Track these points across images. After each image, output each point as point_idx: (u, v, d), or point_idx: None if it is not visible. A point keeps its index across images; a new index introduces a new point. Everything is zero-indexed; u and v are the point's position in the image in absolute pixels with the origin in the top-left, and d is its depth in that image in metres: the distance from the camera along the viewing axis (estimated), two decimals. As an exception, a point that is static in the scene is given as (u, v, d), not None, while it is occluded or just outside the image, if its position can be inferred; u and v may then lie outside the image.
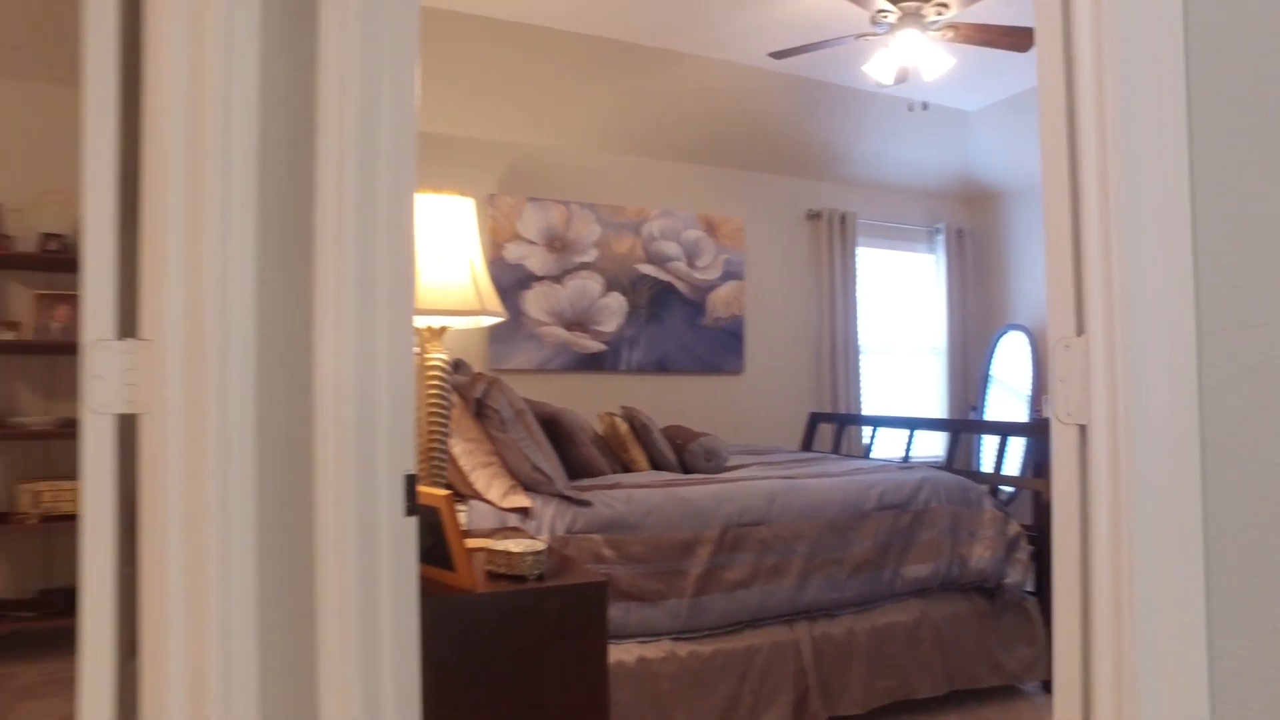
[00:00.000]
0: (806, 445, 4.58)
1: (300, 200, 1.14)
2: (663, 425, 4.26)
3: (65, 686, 2.93)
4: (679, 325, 4.84)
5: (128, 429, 1.06)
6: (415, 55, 1.20)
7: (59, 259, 3.47)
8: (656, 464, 3.25)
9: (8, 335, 3.42)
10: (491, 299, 2.00)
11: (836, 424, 4.45)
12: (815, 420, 4.60)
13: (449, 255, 1.95)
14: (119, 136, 1.08)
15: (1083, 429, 0.92)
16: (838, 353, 5.12)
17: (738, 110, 4.63)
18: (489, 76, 4.15)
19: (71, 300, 3.57)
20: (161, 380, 1.01)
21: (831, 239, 5.18)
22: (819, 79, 4.55)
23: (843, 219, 5.23)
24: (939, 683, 2.75)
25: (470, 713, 1.47)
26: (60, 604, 3.36)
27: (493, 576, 1.64)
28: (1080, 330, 0.93)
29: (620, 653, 2.30)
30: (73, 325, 3.54)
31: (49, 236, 3.49)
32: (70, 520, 3.37)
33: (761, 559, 2.52)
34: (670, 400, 4.82)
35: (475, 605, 1.50)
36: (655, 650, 2.35)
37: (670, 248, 4.84)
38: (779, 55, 3.56)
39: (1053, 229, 0.98)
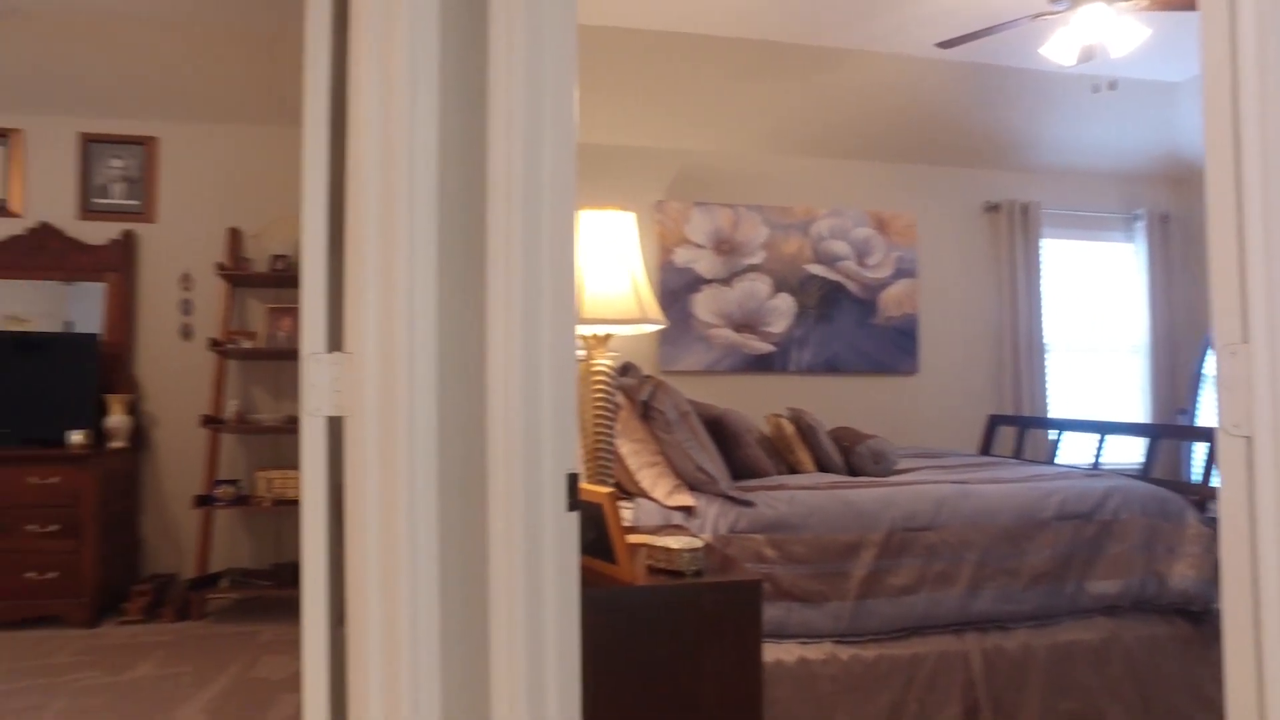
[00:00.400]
0: (985, 449, 4.36)
1: (474, 225, 1.28)
2: (832, 427, 4.21)
3: (297, 646, 3.36)
4: (849, 325, 4.76)
5: (336, 429, 1.24)
6: (573, 84, 1.31)
7: (285, 276, 3.97)
8: (823, 466, 3.24)
9: (246, 344, 3.96)
10: (652, 307, 2.10)
11: (1018, 427, 4.21)
12: (995, 423, 4.37)
13: (611, 267, 2.07)
14: (329, 174, 1.27)
15: (1249, 441, 0.86)
16: (1020, 351, 4.82)
17: (907, 103, 4.49)
18: (654, 88, 4.28)
19: (295, 313, 4.07)
20: (360, 387, 1.18)
21: (1012, 231, 4.89)
22: (993, 64, 4.32)
23: (1024, 209, 4.92)
24: (1133, 711, 2.55)
25: (627, 698, 1.57)
26: (290, 576, 3.84)
27: (653, 571, 1.74)
28: (1245, 337, 0.87)
29: (780, 652, 2.33)
30: (296, 335, 4.04)
31: (277, 257, 4.01)
32: (295, 505, 3.85)
33: (928, 565, 2.46)
34: (840, 402, 4.75)
35: (634, 597, 1.60)
36: (816, 651, 2.36)
37: (839, 247, 4.77)
38: (947, 44, 3.43)
39: (1217, 222, 0.92)
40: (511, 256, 1.23)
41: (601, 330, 2.11)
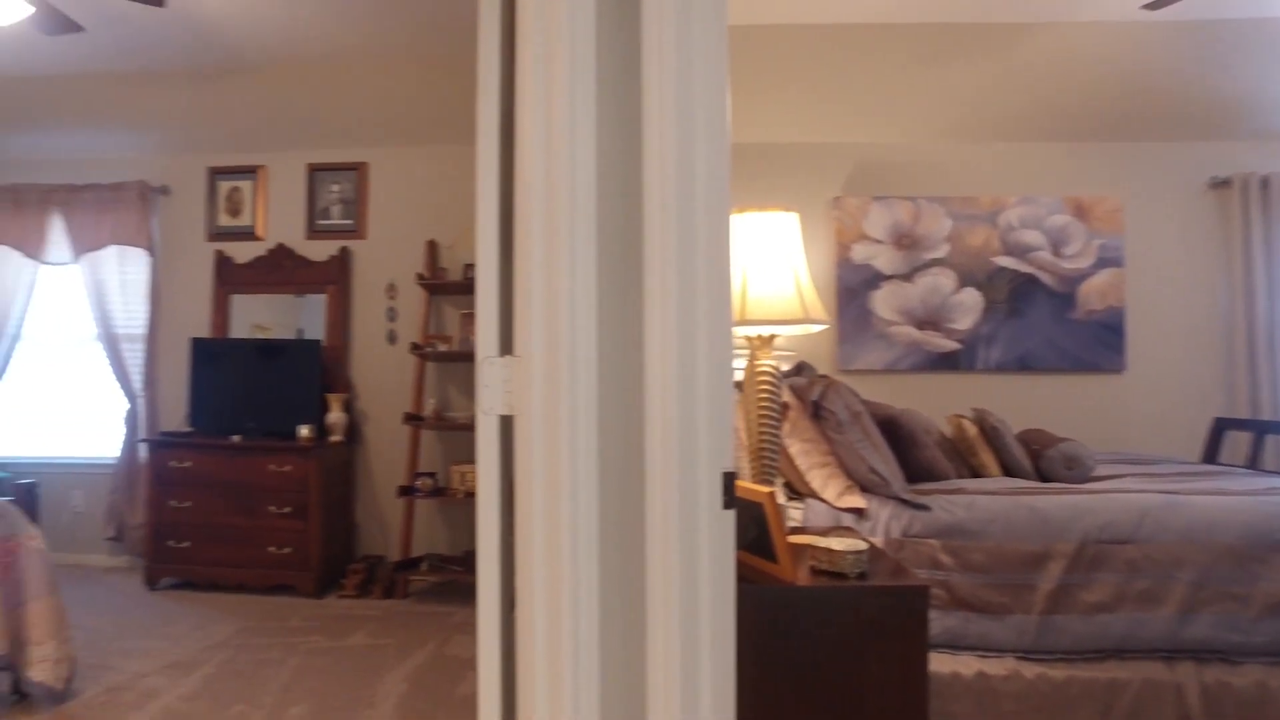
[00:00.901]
0: (1210, 457, 3.89)
1: (631, 230, 1.34)
2: (1023, 429, 3.93)
3: (485, 631, 3.63)
4: (1044, 320, 4.42)
5: (509, 427, 1.35)
6: (725, 88, 1.33)
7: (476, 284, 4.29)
8: (1009, 470, 3.04)
9: (442, 347, 4.30)
10: (815, 307, 2.07)
11: (1253, 432, 3.72)
12: (1222, 427, 3.89)
13: (775, 268, 2.07)
14: (500, 188, 1.38)
15: None
16: (1257, 346, 4.26)
17: (1110, 75, 4.09)
18: (827, 82, 4.20)
19: (486, 317, 4.38)
20: (528, 388, 1.27)
21: (1247, 209, 4.33)
22: (1212, 19, 3.84)
23: (1264, 183, 4.34)
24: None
25: (784, 698, 1.57)
26: (482, 564, 4.14)
27: (816, 573, 1.73)
28: None
29: (956, 664, 2.23)
30: (487, 337, 4.35)
31: (469, 266, 4.33)
32: (487, 496, 4.14)
33: (1128, 582, 2.25)
34: (1033, 402, 4.43)
35: (794, 597, 1.60)
36: (997, 667, 2.23)
37: (1032, 237, 4.44)
38: (1154, 5, 3.09)
39: None
40: (667, 260, 1.28)
41: (765, 331, 2.12)
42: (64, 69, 4.39)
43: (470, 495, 4.13)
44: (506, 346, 1.35)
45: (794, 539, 2.02)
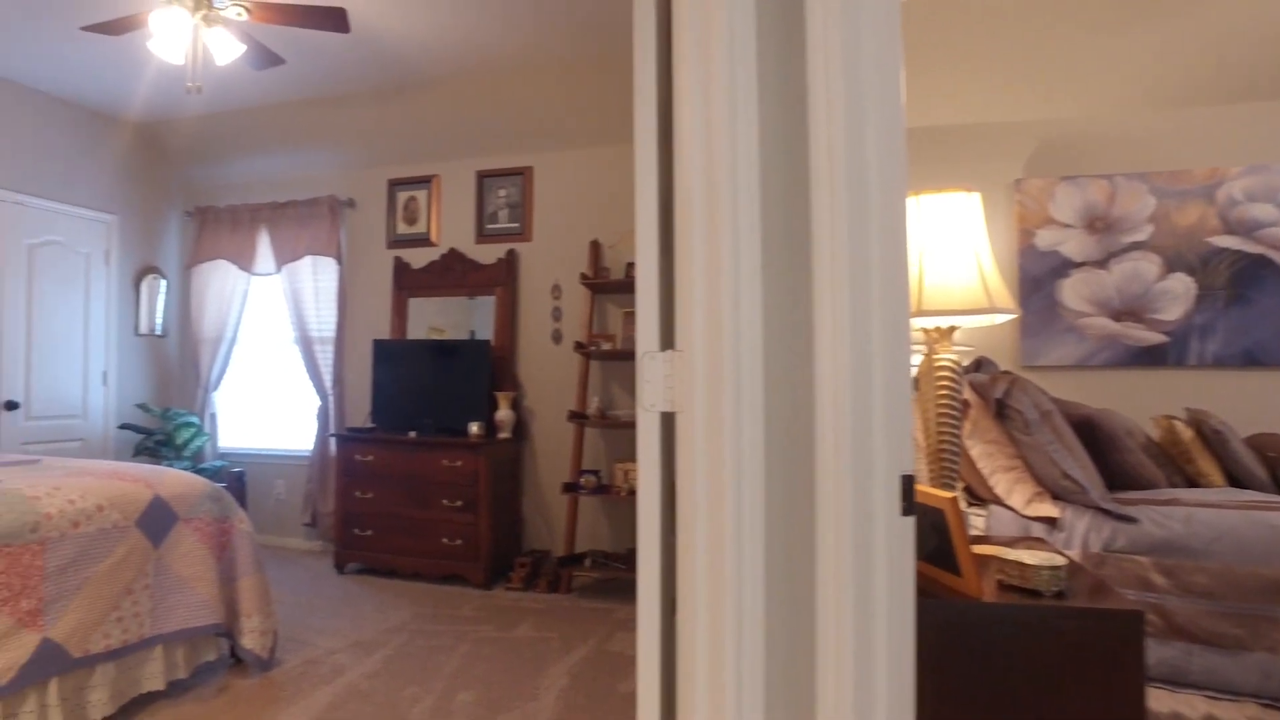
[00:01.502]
0: None
1: (798, 219, 1.25)
2: (1250, 433, 3.44)
3: (646, 629, 3.62)
4: (1277, 307, 3.86)
5: (670, 424, 1.30)
6: (898, 66, 1.21)
7: (637, 282, 4.30)
8: (1235, 480, 2.67)
9: (605, 346, 4.35)
10: (1001, 295, 1.89)
11: None
12: None
13: (955, 254, 1.90)
14: (660, 183, 1.33)
15: None
16: None
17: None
18: (1005, 58, 3.87)
19: (646, 315, 4.38)
20: (690, 384, 1.22)
21: None
22: None
23: None
24: None
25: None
26: (643, 561, 4.14)
27: (1004, 588, 1.56)
28: None
29: (1177, 702, 1.95)
30: (647, 335, 4.35)
31: (631, 265, 4.35)
32: (648, 494, 4.14)
33: (1401, 617, 1.89)
34: (1263, 402, 3.87)
35: (980, 614, 1.44)
36: (1232, 712, 1.94)
37: (1262, 211, 3.89)
38: None
39: None
40: (837, 248, 1.18)
41: (944, 323, 1.95)
42: (268, 100, 4.83)
43: (633, 493, 4.15)
44: (668, 341, 1.30)
45: (978, 549, 1.84)
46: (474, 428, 4.37)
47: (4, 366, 4.52)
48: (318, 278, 5.18)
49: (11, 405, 4.54)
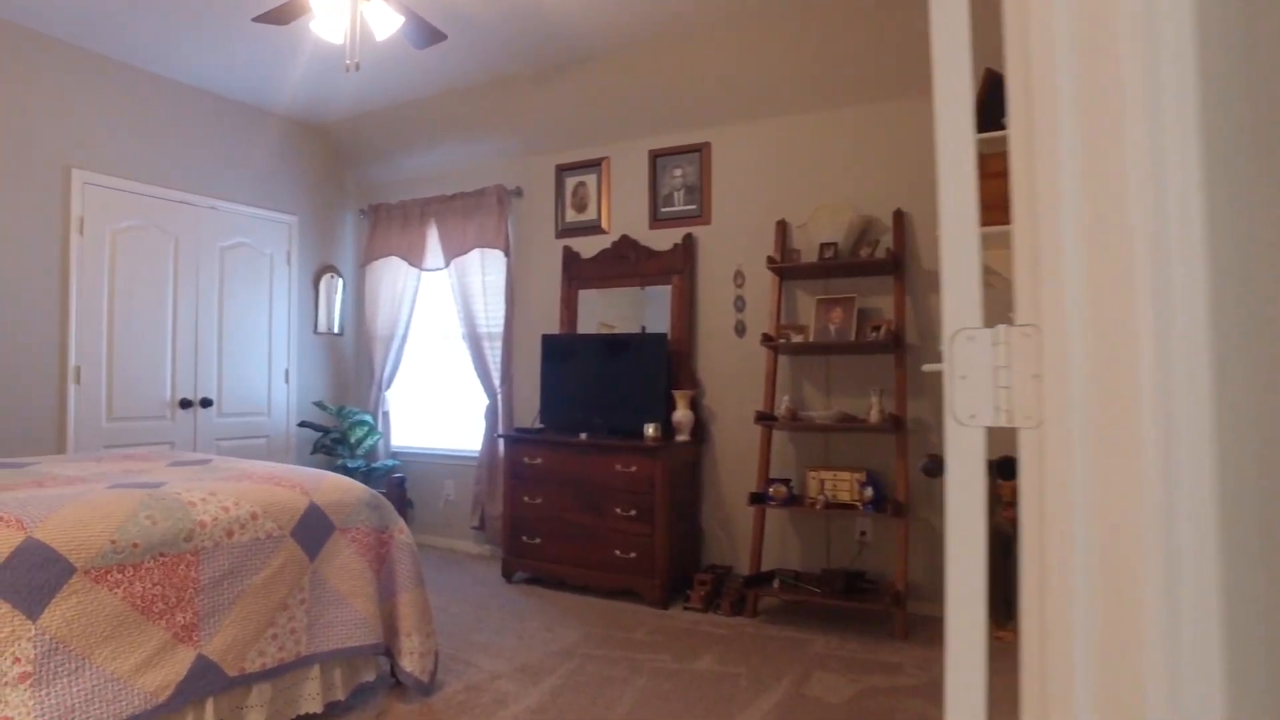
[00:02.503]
0: None
1: (1269, 124, 0.71)
2: None
3: (850, 665, 3.06)
4: None
5: (994, 439, 0.78)
6: None
7: (834, 266, 3.74)
8: None
9: (796, 338, 3.82)
10: None
11: None
12: None
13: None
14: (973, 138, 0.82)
15: None
16: None
17: None
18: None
19: (845, 304, 3.80)
20: (1060, 380, 0.70)
21: None
22: None
23: None
24: None
25: None
26: (842, 585, 3.58)
27: None
28: None
29: None
30: (844, 326, 3.77)
31: (825, 246, 3.79)
32: (845, 509, 3.57)
33: None
34: None
35: None
36: None
37: None
38: None
39: None
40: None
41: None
42: (433, 90, 4.68)
43: (830, 506, 3.60)
44: (996, 319, 0.78)
45: None
46: (649, 429, 3.97)
47: (199, 365, 4.63)
48: (486, 271, 4.98)
49: (206, 403, 4.64)
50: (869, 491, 3.55)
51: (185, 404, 4.54)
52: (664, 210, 4.48)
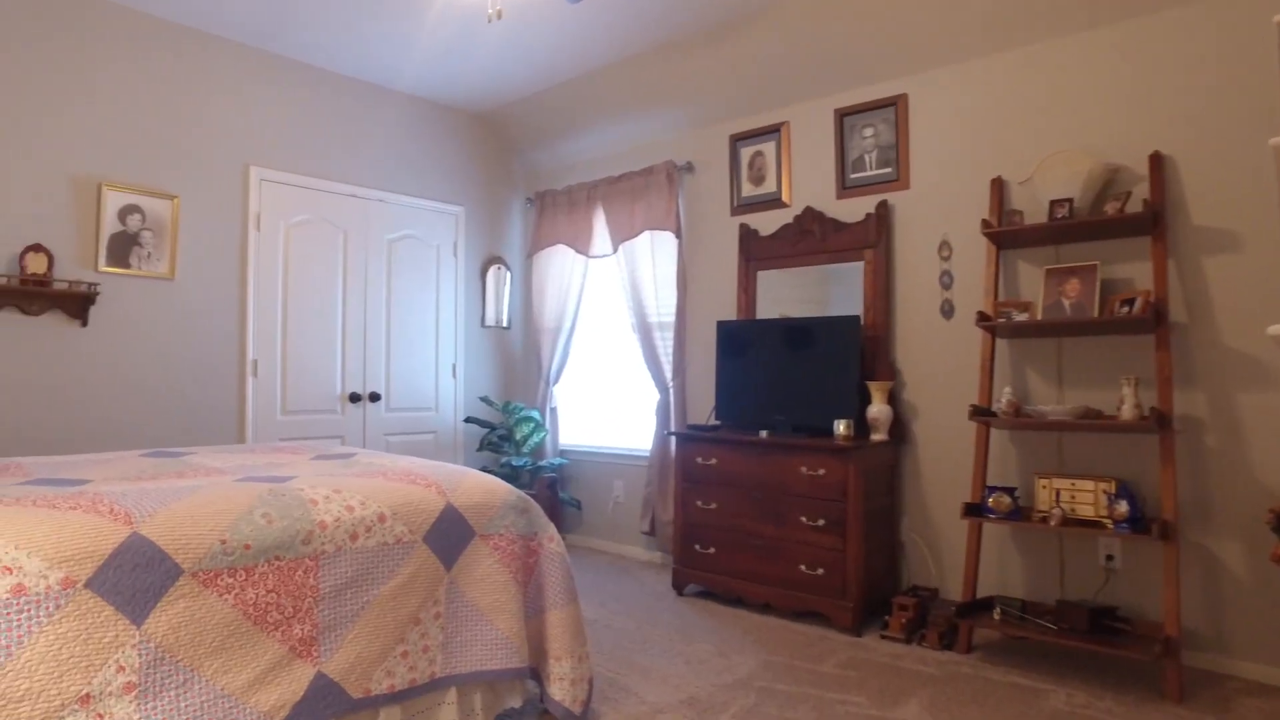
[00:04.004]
0: None
1: None
2: None
3: (1105, 735, 2.38)
4: None
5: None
6: None
7: (1068, 227, 3.01)
8: None
9: (1020, 317, 3.13)
10: None
11: None
12: None
13: None
14: None
15: None
16: None
17: None
18: None
19: (1081, 273, 3.07)
20: None
21: None
22: None
23: None
24: None
25: None
26: (1083, 622, 2.86)
27: None
28: None
29: None
30: (1083, 300, 3.03)
31: (1056, 204, 3.07)
32: (1088, 526, 2.84)
33: None
34: None
35: None
36: None
37: None
38: None
39: None
40: None
41: None
42: (594, 65, 4.38)
43: (1066, 523, 2.88)
44: None
45: None
46: (840, 427, 3.41)
47: (368, 359, 4.60)
48: (656, 256, 4.62)
49: (375, 397, 4.61)
50: (1122, 506, 2.81)
51: (354, 398, 4.51)
52: (853, 177, 3.90)
